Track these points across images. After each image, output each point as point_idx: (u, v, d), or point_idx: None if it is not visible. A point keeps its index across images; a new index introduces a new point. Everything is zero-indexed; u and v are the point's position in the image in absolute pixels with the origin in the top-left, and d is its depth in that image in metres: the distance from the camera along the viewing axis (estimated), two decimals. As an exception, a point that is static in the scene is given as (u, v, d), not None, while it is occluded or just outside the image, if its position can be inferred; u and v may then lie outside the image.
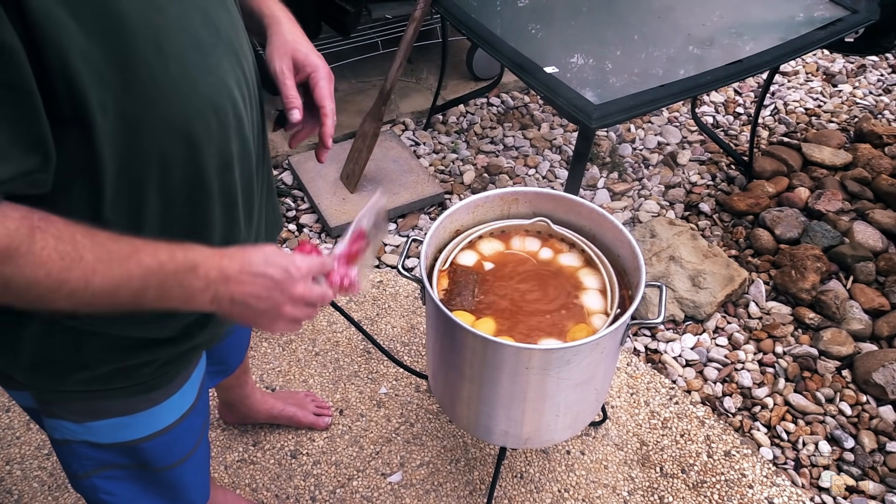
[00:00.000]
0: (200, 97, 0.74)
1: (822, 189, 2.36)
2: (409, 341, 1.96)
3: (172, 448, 1.02)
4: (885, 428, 1.76)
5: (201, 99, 0.74)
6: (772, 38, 1.94)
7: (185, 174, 0.77)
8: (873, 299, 2.03)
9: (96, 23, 0.62)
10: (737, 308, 2.07)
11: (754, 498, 1.63)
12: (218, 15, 0.78)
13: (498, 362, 1.20)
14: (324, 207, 2.30)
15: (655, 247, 2.13)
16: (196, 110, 0.74)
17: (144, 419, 0.94)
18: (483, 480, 1.66)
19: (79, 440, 0.93)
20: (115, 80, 0.65)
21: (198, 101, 0.74)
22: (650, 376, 1.88)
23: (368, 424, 1.76)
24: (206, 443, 1.13)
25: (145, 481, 1.02)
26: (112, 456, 0.96)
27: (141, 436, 0.95)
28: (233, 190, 0.85)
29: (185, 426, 1.01)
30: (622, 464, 1.69)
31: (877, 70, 3.13)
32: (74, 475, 0.99)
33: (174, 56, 0.70)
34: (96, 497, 1.00)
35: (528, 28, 2.05)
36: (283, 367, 1.88)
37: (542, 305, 1.30)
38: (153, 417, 0.95)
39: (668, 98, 1.74)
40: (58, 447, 0.96)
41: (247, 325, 1.04)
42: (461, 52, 2.91)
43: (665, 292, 1.32)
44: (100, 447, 0.94)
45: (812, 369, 1.90)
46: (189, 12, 0.73)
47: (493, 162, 2.55)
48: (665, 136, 2.72)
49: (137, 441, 0.95)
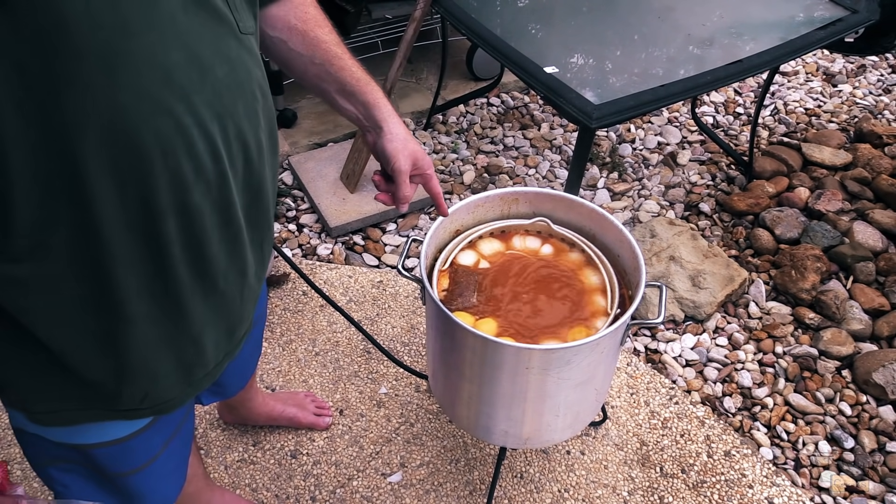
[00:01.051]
0: (149, 137, 0.67)
1: (822, 189, 2.36)
2: (409, 341, 1.96)
3: (123, 459, 0.98)
4: (885, 428, 1.76)
5: (151, 139, 0.67)
6: (772, 38, 1.94)
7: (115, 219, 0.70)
8: (873, 299, 2.03)
9: (33, 23, 0.57)
10: (737, 308, 2.07)
11: (754, 498, 1.63)
12: (219, 57, 0.73)
13: (498, 362, 1.20)
14: (324, 207, 2.30)
15: (655, 247, 2.13)
16: (140, 152, 0.68)
17: (92, 429, 0.91)
18: (483, 480, 1.66)
19: (31, 432, 0.92)
20: (40, 90, 0.60)
21: (147, 139, 0.67)
22: (650, 376, 1.88)
23: (368, 424, 1.76)
24: (174, 451, 1.08)
25: (98, 482, 1.00)
26: (64, 452, 0.94)
27: (89, 442, 0.93)
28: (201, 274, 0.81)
29: (137, 443, 0.97)
30: (622, 464, 1.69)
31: (877, 70, 3.13)
32: (32, 462, 0.98)
33: (128, 86, 0.64)
34: (52, 486, 1.00)
35: (528, 28, 2.05)
36: (283, 367, 1.88)
37: (543, 305, 1.30)
38: (101, 429, 0.92)
39: (668, 98, 1.74)
40: (16, 433, 0.95)
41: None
42: (461, 52, 2.91)
43: (665, 292, 1.32)
44: (51, 443, 0.92)
45: (812, 369, 1.90)
46: (168, 46, 0.66)
47: (493, 162, 2.55)
48: (665, 136, 2.72)
49: (86, 446, 0.93)
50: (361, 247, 2.26)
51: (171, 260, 0.76)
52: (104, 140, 0.64)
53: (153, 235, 0.73)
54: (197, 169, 0.73)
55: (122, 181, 0.67)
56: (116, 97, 0.63)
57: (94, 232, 0.69)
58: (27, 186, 0.64)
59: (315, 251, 2.24)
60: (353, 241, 2.27)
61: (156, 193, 0.70)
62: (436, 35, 2.97)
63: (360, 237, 2.29)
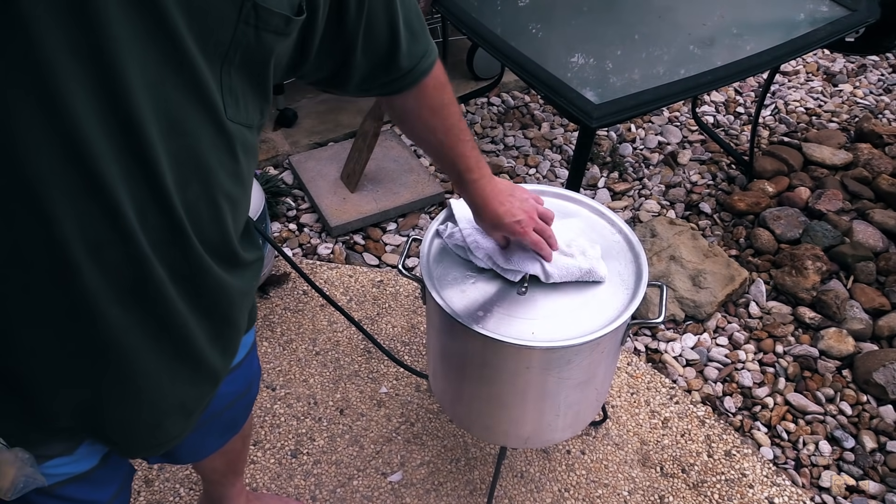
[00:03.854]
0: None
1: (822, 189, 2.36)
2: (410, 341, 1.96)
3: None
4: (886, 428, 1.76)
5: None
6: (772, 37, 1.94)
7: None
8: (874, 299, 2.03)
9: None
10: (737, 308, 2.07)
11: (754, 498, 1.63)
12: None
13: (498, 362, 1.20)
14: (324, 207, 2.30)
15: (656, 246, 2.13)
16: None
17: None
18: (483, 480, 1.66)
19: None
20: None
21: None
22: (650, 376, 1.88)
23: (369, 424, 1.76)
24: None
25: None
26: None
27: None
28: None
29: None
30: (622, 463, 1.69)
31: (877, 70, 3.13)
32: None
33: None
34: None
35: (529, 28, 2.05)
36: (283, 366, 1.88)
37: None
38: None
39: (668, 98, 1.74)
40: None
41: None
42: (461, 51, 2.91)
43: (665, 292, 1.32)
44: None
45: (812, 369, 1.90)
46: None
47: (494, 161, 2.55)
48: (665, 136, 2.72)
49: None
50: (362, 246, 2.26)
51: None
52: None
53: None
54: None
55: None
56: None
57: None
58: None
59: (315, 251, 2.24)
60: (353, 241, 2.27)
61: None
62: (436, 35, 2.97)
63: (360, 237, 2.29)
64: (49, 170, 0.56)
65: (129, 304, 0.67)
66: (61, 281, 0.62)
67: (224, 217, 0.71)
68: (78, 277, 0.62)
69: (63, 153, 0.55)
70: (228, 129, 0.66)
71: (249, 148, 0.71)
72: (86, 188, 0.58)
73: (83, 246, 0.60)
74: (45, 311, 0.64)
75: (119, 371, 0.71)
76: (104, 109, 0.56)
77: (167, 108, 0.60)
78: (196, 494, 1.61)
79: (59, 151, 0.55)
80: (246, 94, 0.68)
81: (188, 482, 1.63)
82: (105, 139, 0.57)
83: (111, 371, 0.71)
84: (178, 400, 0.80)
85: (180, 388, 0.79)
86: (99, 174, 0.58)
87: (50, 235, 0.59)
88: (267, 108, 0.74)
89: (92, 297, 0.64)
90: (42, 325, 0.65)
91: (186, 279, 0.71)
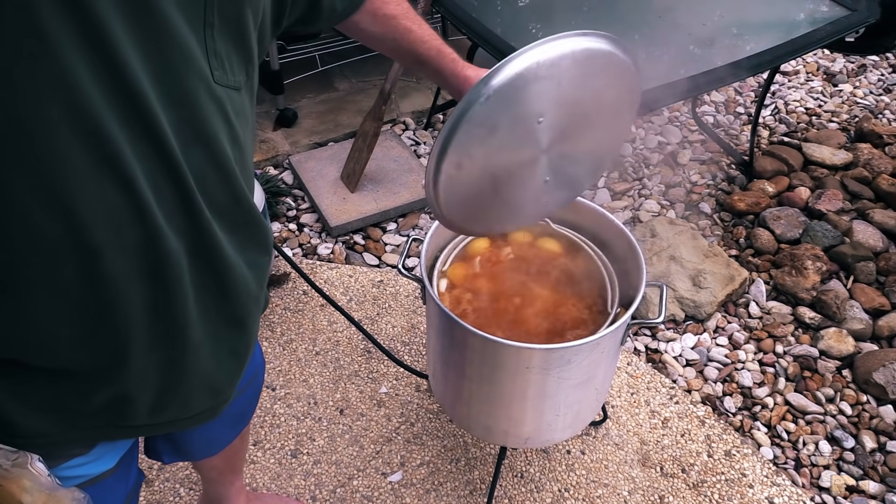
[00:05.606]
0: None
1: (822, 189, 2.36)
2: (410, 341, 1.96)
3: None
4: (886, 427, 1.76)
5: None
6: (772, 37, 1.94)
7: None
8: (874, 299, 2.03)
9: None
10: (737, 308, 2.07)
11: (754, 498, 1.63)
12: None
13: (498, 362, 1.20)
14: (324, 207, 2.30)
15: (656, 246, 2.13)
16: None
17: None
18: (483, 480, 1.66)
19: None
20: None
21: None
22: (650, 376, 1.88)
23: (369, 424, 1.76)
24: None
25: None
26: None
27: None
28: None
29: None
30: (622, 463, 1.70)
31: (877, 70, 3.13)
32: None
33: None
34: None
35: (529, 27, 2.05)
36: (283, 366, 1.88)
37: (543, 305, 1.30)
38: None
39: (668, 98, 1.74)
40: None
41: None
42: (461, 51, 2.89)
43: (665, 292, 1.32)
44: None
45: (812, 369, 1.90)
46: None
47: (494, 161, 2.55)
48: (665, 136, 2.72)
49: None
50: (362, 246, 2.26)
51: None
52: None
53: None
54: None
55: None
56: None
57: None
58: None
59: (315, 251, 2.24)
60: (353, 241, 2.27)
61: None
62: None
63: (360, 237, 2.29)
64: (62, 149, 0.57)
65: (148, 285, 0.69)
66: (85, 268, 0.64)
67: (229, 179, 0.74)
68: (100, 262, 0.64)
69: (72, 130, 0.57)
70: (217, 93, 0.68)
71: (240, 111, 0.73)
72: (100, 165, 0.60)
73: (105, 228, 0.62)
74: (72, 300, 0.66)
75: (154, 353, 0.74)
76: (108, 84, 0.58)
77: (162, 78, 0.62)
78: (196, 494, 1.61)
79: (68, 129, 0.57)
80: (230, 55, 0.70)
81: (188, 482, 1.63)
82: (115, 120, 0.59)
83: (140, 354, 0.73)
84: (206, 377, 0.83)
85: (204, 364, 0.82)
86: (113, 152, 0.60)
87: (70, 223, 0.61)
88: (252, 70, 0.76)
89: (113, 281, 0.66)
90: (69, 311, 0.66)
91: (200, 254, 0.73)
